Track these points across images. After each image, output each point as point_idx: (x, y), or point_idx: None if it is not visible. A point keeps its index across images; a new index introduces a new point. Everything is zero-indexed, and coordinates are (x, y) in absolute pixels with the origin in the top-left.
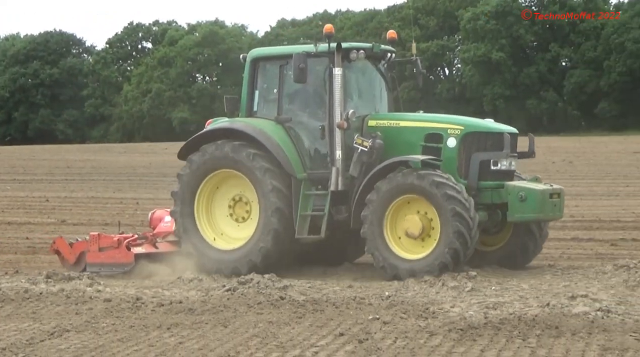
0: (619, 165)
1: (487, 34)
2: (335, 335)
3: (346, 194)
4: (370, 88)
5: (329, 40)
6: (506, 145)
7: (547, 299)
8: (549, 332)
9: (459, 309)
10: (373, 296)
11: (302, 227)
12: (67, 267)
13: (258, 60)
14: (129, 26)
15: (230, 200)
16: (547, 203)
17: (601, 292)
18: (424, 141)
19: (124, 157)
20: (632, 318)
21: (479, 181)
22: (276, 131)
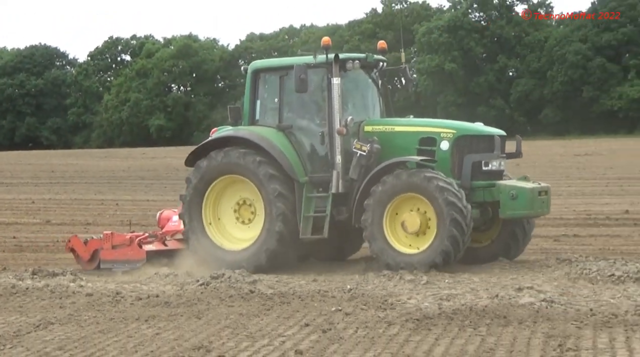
0: (562, 167)
1: (440, 46)
2: (301, 325)
3: (346, 196)
4: (364, 95)
5: (326, 52)
6: (497, 147)
7: (496, 290)
8: (497, 321)
9: (415, 301)
10: (336, 289)
11: (306, 227)
12: (81, 264)
13: (259, 71)
14: (109, 40)
15: (235, 203)
16: (536, 200)
17: (545, 284)
18: (418, 144)
19: (105, 161)
20: (573, 308)
21: (471, 181)
22: (278, 138)
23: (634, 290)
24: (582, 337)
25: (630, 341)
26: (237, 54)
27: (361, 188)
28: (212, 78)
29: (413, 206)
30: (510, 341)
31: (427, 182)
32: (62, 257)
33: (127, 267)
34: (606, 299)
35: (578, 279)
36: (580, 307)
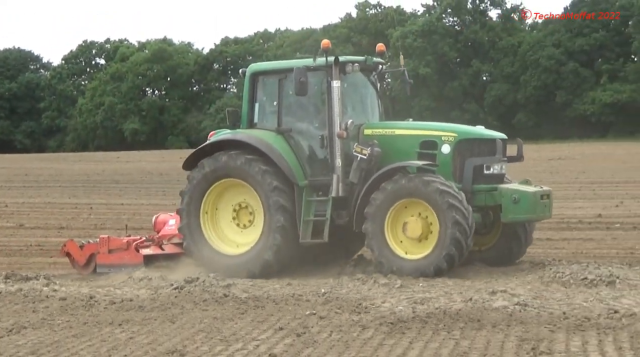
0: (535, 171)
1: (414, 51)
2: (275, 329)
3: (346, 200)
4: (364, 98)
5: (326, 55)
6: (498, 150)
7: (470, 294)
8: (471, 325)
9: (389, 305)
10: (310, 293)
11: (306, 231)
12: (77, 268)
13: (257, 74)
14: (83, 44)
15: (234, 207)
16: (538, 204)
17: (519, 288)
18: (419, 148)
19: (79, 165)
20: (546, 311)
21: (473, 185)
22: (278, 141)
23: (606, 293)
24: (555, 340)
25: (602, 344)
26: (212, 58)
27: (362, 193)
28: (186, 82)
29: (414, 211)
30: (484, 345)
31: (425, 186)
32: (35, 262)
33: (124, 271)
34: (579, 302)
35: (551, 282)
36: (553, 310)
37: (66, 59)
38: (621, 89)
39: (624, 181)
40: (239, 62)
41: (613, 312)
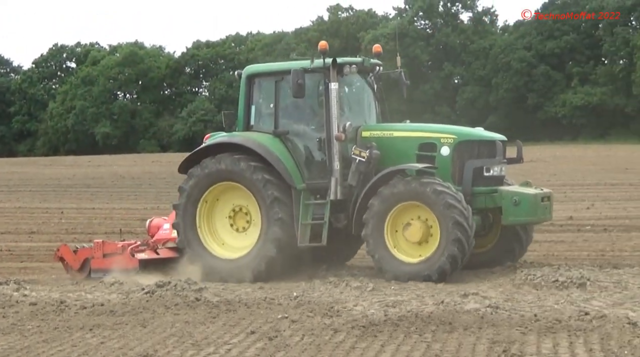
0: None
1: (386, 54)
2: (247, 333)
3: (345, 203)
4: (361, 100)
5: (323, 56)
6: (499, 152)
7: (442, 297)
8: (443, 327)
9: (361, 308)
10: (282, 297)
11: (304, 235)
12: (70, 273)
13: (253, 76)
14: (54, 47)
15: (230, 211)
16: (539, 206)
17: (490, 290)
18: (418, 150)
19: (50, 169)
20: (518, 313)
21: (472, 187)
22: (275, 144)
23: (577, 295)
24: (526, 342)
25: (573, 346)
26: (184, 61)
27: (361, 197)
28: (158, 85)
29: (413, 215)
30: (456, 347)
31: (423, 188)
32: (5, 266)
33: (119, 276)
34: (550, 304)
35: (522, 284)
36: (524, 312)
37: (37, 62)
38: (592, 91)
39: (594, 183)
40: (210, 66)
41: (584, 314)
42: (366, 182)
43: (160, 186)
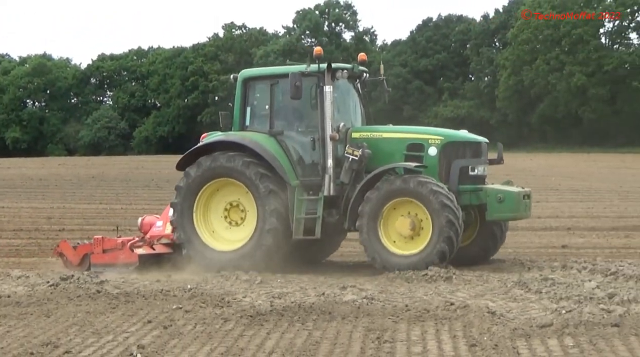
0: None
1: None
2: (143, 322)
3: (336, 199)
4: (349, 103)
5: (318, 61)
6: (484, 152)
7: (323, 289)
8: (323, 317)
9: (250, 299)
10: (177, 289)
11: (298, 229)
12: (70, 268)
13: (249, 80)
14: None
15: (226, 205)
16: (521, 204)
17: (367, 283)
18: (406, 150)
19: None
20: (391, 304)
21: (458, 185)
22: (270, 143)
23: (444, 288)
24: (397, 330)
25: (439, 334)
26: (89, 72)
27: (355, 192)
28: (65, 94)
29: (404, 211)
30: (334, 335)
31: (420, 186)
32: None
33: (118, 270)
34: (420, 296)
35: (396, 278)
36: (397, 303)
37: None
38: (460, 104)
39: None
40: (114, 77)
41: (449, 304)
42: (357, 180)
43: (66, 187)
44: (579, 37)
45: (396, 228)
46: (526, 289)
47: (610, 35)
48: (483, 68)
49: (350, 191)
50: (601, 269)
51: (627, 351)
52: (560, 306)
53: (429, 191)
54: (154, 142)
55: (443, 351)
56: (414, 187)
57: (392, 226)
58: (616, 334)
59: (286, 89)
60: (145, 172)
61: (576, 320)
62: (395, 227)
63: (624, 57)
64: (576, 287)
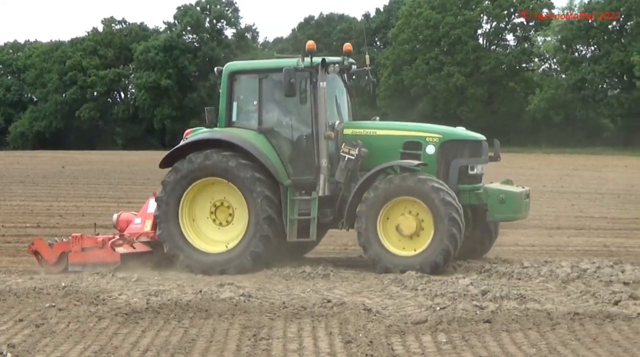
0: None
1: (157, 64)
2: (15, 321)
3: (331, 199)
4: (338, 98)
5: (311, 56)
6: (484, 151)
7: (200, 286)
8: (200, 314)
9: (126, 297)
10: (51, 287)
11: (292, 230)
12: (45, 267)
13: (234, 73)
14: None
15: (212, 205)
16: (522, 204)
17: (245, 281)
18: (402, 148)
19: None
20: (268, 301)
21: (457, 185)
22: (259, 140)
23: (321, 285)
24: (274, 327)
25: (316, 330)
26: None
27: (353, 192)
28: None
29: (404, 210)
30: (211, 332)
31: (421, 184)
32: None
33: (99, 269)
34: (297, 293)
35: (274, 275)
36: (274, 300)
37: None
38: None
39: None
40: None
41: (326, 301)
42: (353, 179)
43: None
44: (457, 38)
45: (396, 228)
46: (402, 286)
47: (487, 36)
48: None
49: (345, 190)
50: (475, 267)
51: (498, 346)
52: (435, 303)
53: (431, 189)
54: (30, 138)
55: (319, 348)
56: (414, 185)
57: (391, 226)
58: (488, 330)
59: (276, 83)
60: (20, 167)
61: (450, 316)
62: (395, 227)
63: (500, 58)
64: (451, 284)
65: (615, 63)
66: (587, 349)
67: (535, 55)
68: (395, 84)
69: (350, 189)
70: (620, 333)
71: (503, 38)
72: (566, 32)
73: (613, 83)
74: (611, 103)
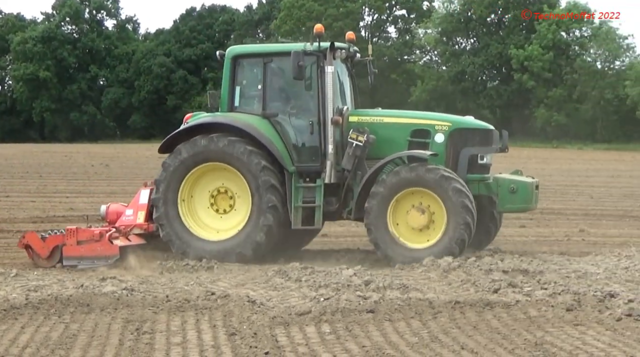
0: (147, 168)
1: (35, 55)
2: None
3: (337, 186)
4: (343, 85)
5: (319, 40)
6: (495, 140)
7: (82, 281)
8: (81, 309)
9: (4, 292)
10: None
11: (297, 218)
12: (38, 261)
13: (238, 57)
14: None
15: (212, 191)
16: (533, 195)
17: (128, 274)
18: (410, 137)
19: None
20: (151, 295)
21: (467, 174)
22: (264, 126)
23: (205, 277)
24: (157, 321)
25: (199, 323)
26: None
27: (361, 183)
28: None
29: (415, 201)
30: (92, 327)
31: (429, 174)
32: None
33: (97, 263)
34: (181, 286)
35: (157, 269)
36: (157, 294)
37: None
38: None
39: None
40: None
41: (210, 294)
42: (359, 167)
43: None
44: (339, 30)
45: (408, 221)
46: (286, 278)
47: (370, 28)
48: None
49: (351, 178)
50: (359, 257)
51: (381, 335)
52: (319, 294)
53: (440, 177)
54: None
55: (203, 341)
56: (423, 175)
57: (402, 219)
58: (371, 320)
59: (281, 67)
60: None
61: (333, 307)
62: (406, 219)
63: (383, 50)
64: (334, 275)
65: (494, 55)
66: (467, 337)
67: (417, 47)
68: None
69: (357, 178)
70: (499, 320)
71: (385, 30)
72: (446, 24)
73: (492, 75)
74: (490, 94)
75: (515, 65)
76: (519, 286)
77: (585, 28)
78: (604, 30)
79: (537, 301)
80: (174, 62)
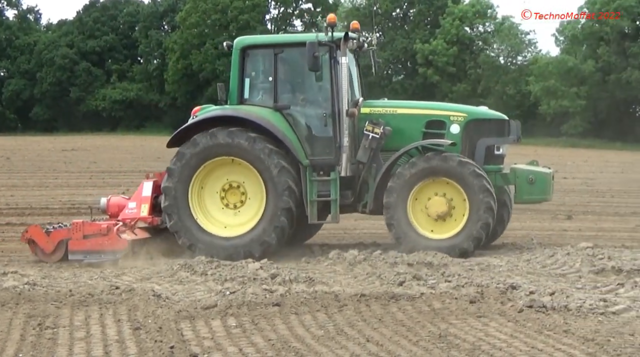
0: (50, 161)
1: None
2: None
3: (351, 179)
4: (354, 76)
5: (332, 30)
6: (512, 131)
7: None
8: None
9: None
10: None
11: (312, 212)
12: (42, 256)
13: (247, 48)
14: None
15: (223, 186)
16: (550, 185)
17: (29, 269)
18: (425, 128)
19: None
20: (54, 289)
21: (484, 165)
22: (277, 119)
23: (110, 272)
24: (60, 315)
25: (103, 318)
26: None
27: (379, 176)
28: None
29: (438, 190)
30: None
31: (447, 161)
32: None
33: (104, 258)
34: (84, 280)
35: (61, 264)
36: (60, 288)
37: None
38: (129, 87)
39: (130, 170)
40: None
41: (115, 288)
42: (375, 159)
43: None
44: (246, 23)
45: (429, 209)
46: (192, 272)
47: (276, 21)
48: (152, 51)
49: (366, 171)
50: None
51: (287, 329)
52: (225, 287)
53: (471, 173)
54: None
55: (107, 335)
56: (454, 167)
57: (422, 206)
58: (277, 313)
59: (293, 59)
60: None
61: (239, 301)
62: (427, 210)
63: None
64: (240, 268)
65: (400, 50)
66: (372, 329)
67: None
68: (184, 69)
69: (372, 170)
70: (404, 313)
71: (291, 24)
72: (352, 18)
73: (397, 69)
74: (396, 89)
75: (420, 59)
76: (424, 279)
77: (489, 23)
78: (506, 26)
79: (441, 294)
80: (77, 54)
